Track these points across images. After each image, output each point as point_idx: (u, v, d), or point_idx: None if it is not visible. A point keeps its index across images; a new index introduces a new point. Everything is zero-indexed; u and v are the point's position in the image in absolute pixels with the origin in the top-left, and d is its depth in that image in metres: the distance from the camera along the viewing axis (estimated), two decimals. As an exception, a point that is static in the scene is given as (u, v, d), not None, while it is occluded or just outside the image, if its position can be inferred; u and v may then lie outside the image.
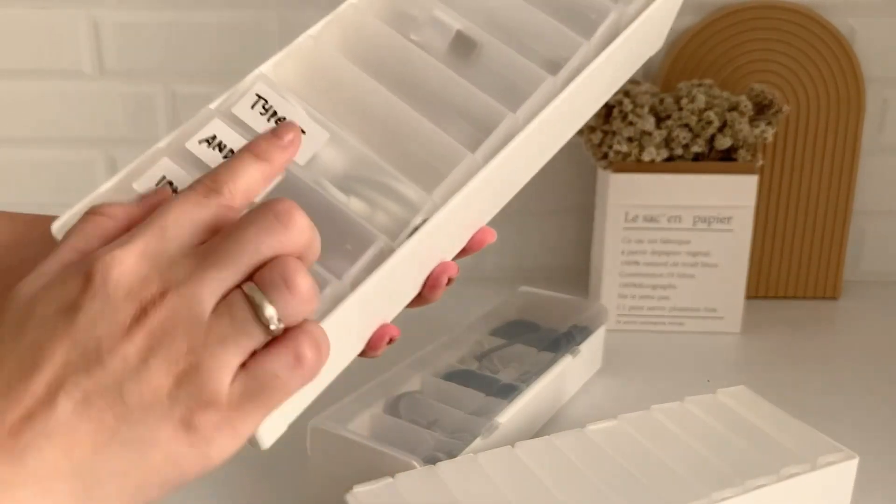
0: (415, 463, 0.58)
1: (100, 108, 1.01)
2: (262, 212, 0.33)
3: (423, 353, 0.76)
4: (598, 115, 0.92)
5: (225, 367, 0.32)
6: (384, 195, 0.42)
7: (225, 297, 0.33)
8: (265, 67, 0.44)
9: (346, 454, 0.62)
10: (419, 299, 0.45)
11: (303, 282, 0.33)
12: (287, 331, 0.33)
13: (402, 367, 0.74)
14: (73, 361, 0.31)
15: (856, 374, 0.86)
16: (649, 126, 0.88)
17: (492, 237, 0.46)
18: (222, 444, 0.33)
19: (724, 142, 0.89)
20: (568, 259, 1.10)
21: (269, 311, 0.33)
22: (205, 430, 0.32)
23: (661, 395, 0.68)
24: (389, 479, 0.56)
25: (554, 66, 0.44)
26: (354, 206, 0.41)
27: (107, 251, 0.33)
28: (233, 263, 0.33)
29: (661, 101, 0.91)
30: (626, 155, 0.90)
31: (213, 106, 0.42)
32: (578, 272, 1.09)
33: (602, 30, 0.45)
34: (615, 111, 0.90)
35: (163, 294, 0.32)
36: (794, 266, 1.04)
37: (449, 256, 0.45)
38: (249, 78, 0.43)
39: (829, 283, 1.04)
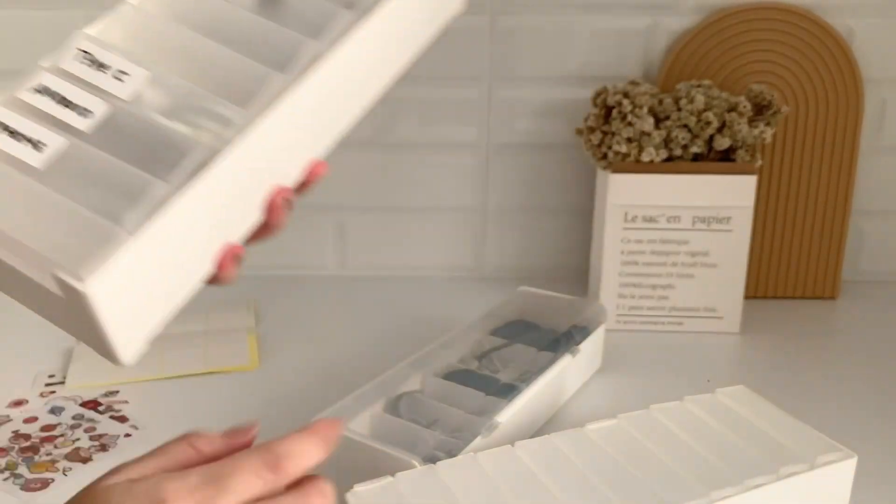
0: (415, 462, 0.59)
1: (100, 108, 1.01)
2: (253, 458, 0.39)
3: (423, 352, 0.77)
4: (597, 115, 0.92)
5: None
6: (205, 117, 0.46)
7: None
8: (88, 29, 0.49)
9: (347, 453, 0.62)
10: (266, 228, 0.48)
11: None
12: None
13: (403, 366, 0.74)
14: None
15: (854, 373, 0.87)
16: (648, 127, 0.89)
17: (324, 169, 0.49)
18: None
19: (723, 142, 0.89)
20: (567, 259, 1.10)
21: None
22: None
23: (661, 394, 0.68)
24: (390, 478, 0.56)
25: (350, 4, 0.50)
26: (179, 129, 0.45)
27: (172, 486, 0.38)
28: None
29: (661, 101, 0.91)
30: (626, 155, 0.90)
31: (43, 63, 0.47)
32: (578, 272, 1.09)
33: None
34: (615, 112, 0.90)
35: None
36: (793, 266, 1.04)
37: (284, 181, 0.48)
38: (75, 35, 0.48)
39: (827, 283, 1.05)
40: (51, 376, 0.82)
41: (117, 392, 0.79)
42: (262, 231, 0.48)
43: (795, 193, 1.02)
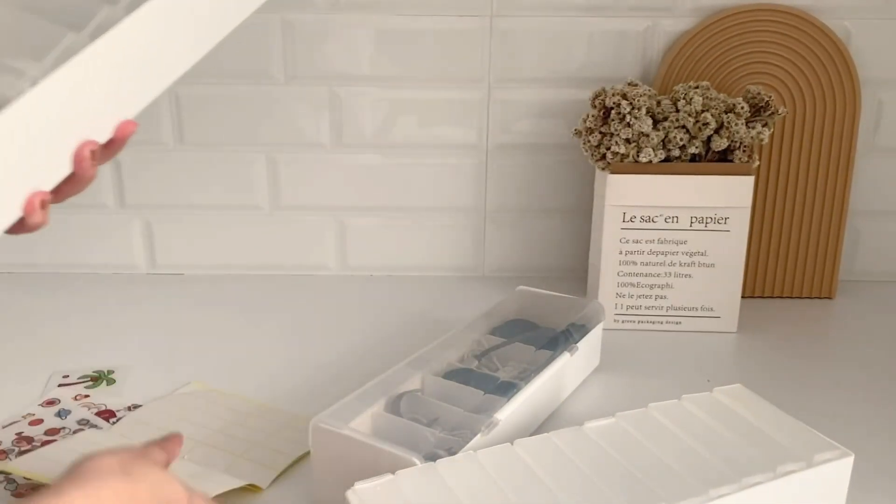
0: (415, 460, 0.59)
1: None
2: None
3: (422, 351, 0.77)
4: (595, 116, 0.93)
5: None
6: (3, 73, 0.46)
7: None
8: None
9: (348, 452, 0.62)
10: (74, 179, 0.49)
11: None
12: None
13: (403, 365, 0.74)
14: None
15: (851, 372, 0.87)
16: (647, 128, 0.89)
17: (132, 127, 0.51)
18: None
19: (720, 143, 0.90)
20: (566, 259, 1.11)
21: None
22: None
23: (659, 393, 0.69)
24: (390, 476, 0.56)
25: None
26: None
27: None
28: None
29: (659, 102, 0.92)
30: (624, 156, 0.91)
31: None
32: (576, 272, 1.09)
33: None
34: (613, 113, 0.91)
35: None
36: (790, 266, 1.05)
37: (93, 135, 0.49)
38: None
39: (824, 283, 1.05)
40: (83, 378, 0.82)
41: (140, 406, 0.78)
42: (72, 183, 0.49)
43: (793, 194, 1.02)
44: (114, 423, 0.75)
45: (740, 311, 0.96)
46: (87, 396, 0.80)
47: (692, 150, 0.90)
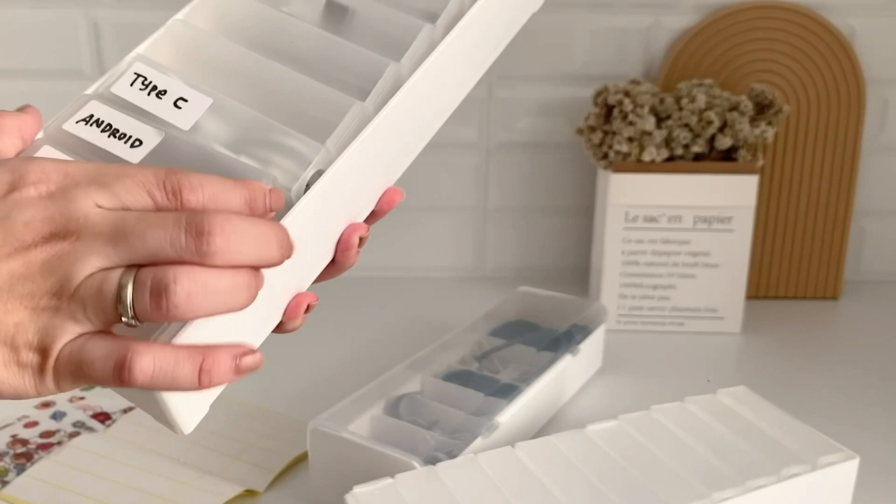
0: (415, 463, 0.58)
1: (99, 108, 1.01)
2: (181, 220, 0.33)
3: (422, 353, 0.76)
4: (598, 114, 0.92)
5: (66, 332, 0.34)
6: (276, 152, 0.41)
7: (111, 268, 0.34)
8: (141, 48, 0.44)
9: (347, 455, 0.62)
10: (334, 266, 0.43)
11: (175, 296, 0.33)
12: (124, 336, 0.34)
13: (402, 367, 0.74)
14: None
15: (856, 374, 0.87)
16: (650, 126, 0.88)
17: (400, 196, 0.46)
18: (28, 385, 0.35)
19: (724, 142, 0.89)
20: (568, 259, 1.10)
21: (127, 305, 0.33)
22: (26, 366, 0.34)
23: (662, 395, 0.68)
24: (389, 480, 0.56)
25: (431, 17, 0.44)
26: (246, 164, 0.40)
27: (44, 167, 0.35)
28: (129, 251, 0.33)
29: (662, 101, 0.91)
30: (627, 155, 0.90)
31: (89, 91, 0.42)
32: (578, 272, 1.09)
33: None
34: (615, 111, 0.90)
35: (60, 237, 0.33)
36: (795, 266, 1.04)
37: (359, 218, 0.44)
38: (128, 58, 0.44)
39: (829, 284, 1.04)
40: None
41: (135, 408, 0.77)
42: (330, 270, 0.44)
43: (797, 193, 1.01)
44: (109, 425, 0.75)
45: (744, 312, 0.95)
46: (82, 398, 0.79)
47: (696, 148, 0.90)
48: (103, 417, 0.76)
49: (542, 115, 1.04)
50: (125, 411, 0.77)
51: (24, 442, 0.72)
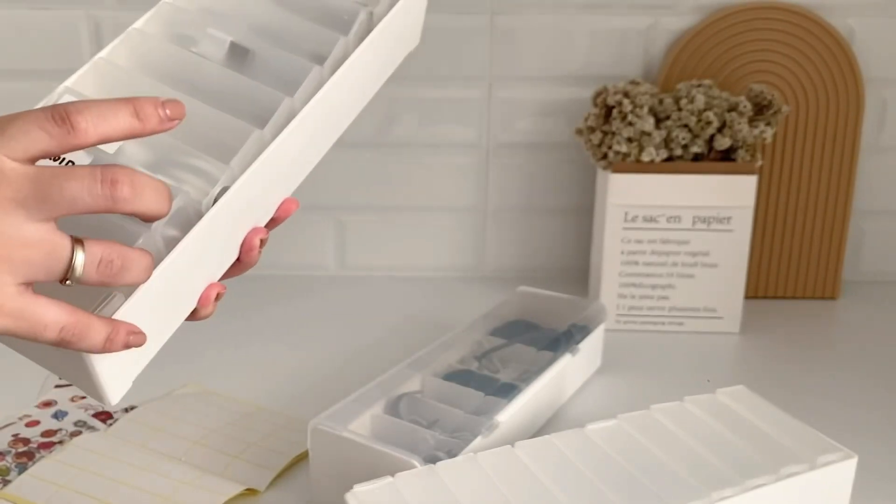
0: (415, 462, 0.59)
1: (100, 108, 1.01)
2: (95, 173, 0.38)
3: (422, 353, 0.77)
4: (597, 115, 0.92)
5: (7, 284, 0.37)
6: (188, 172, 0.47)
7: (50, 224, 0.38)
8: (69, 82, 0.49)
9: (347, 454, 0.62)
10: (239, 263, 0.50)
11: (122, 270, 0.39)
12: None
13: (402, 367, 0.74)
14: None
15: (855, 373, 0.87)
16: (649, 126, 0.89)
17: (296, 205, 0.52)
18: None
19: (723, 142, 0.89)
20: (568, 259, 1.10)
21: (77, 272, 0.38)
22: None
23: (661, 394, 0.68)
24: (390, 479, 0.56)
25: (320, 59, 0.52)
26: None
27: None
28: (53, 205, 0.38)
29: (661, 101, 0.91)
30: (626, 155, 0.90)
31: None
32: (578, 272, 1.09)
33: (355, 28, 0.53)
34: (615, 112, 0.90)
35: None
36: (794, 266, 1.04)
37: (260, 223, 0.50)
38: (57, 91, 0.48)
39: (828, 283, 1.05)
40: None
41: (136, 407, 0.78)
42: (236, 268, 0.50)
43: (796, 193, 1.02)
44: (110, 424, 0.75)
45: (743, 311, 0.95)
46: (83, 398, 0.79)
47: (695, 149, 0.90)
48: (105, 416, 0.76)
49: (542, 116, 1.04)
50: (126, 410, 0.77)
51: (26, 441, 0.72)
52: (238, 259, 0.49)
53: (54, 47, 1.00)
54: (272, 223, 0.52)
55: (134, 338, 0.41)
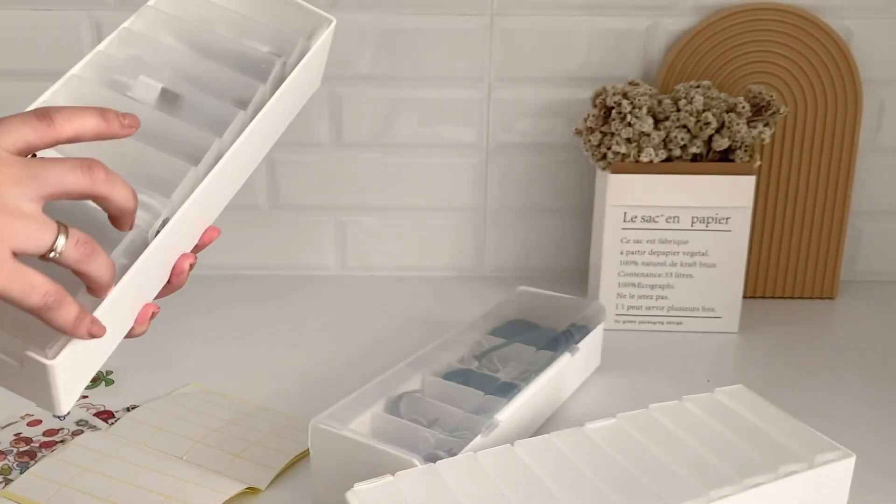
0: (415, 461, 0.59)
1: (101, 108, 1.01)
2: (76, 160, 0.45)
3: (422, 352, 0.77)
4: (596, 116, 0.92)
5: (4, 249, 0.42)
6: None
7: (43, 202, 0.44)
8: None
9: (348, 453, 0.62)
10: (170, 285, 0.55)
11: (96, 252, 0.45)
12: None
13: (403, 366, 0.74)
14: None
15: (853, 373, 0.87)
16: (648, 127, 0.89)
17: (217, 233, 0.58)
18: None
19: (721, 143, 0.90)
20: (567, 259, 1.10)
21: (59, 250, 0.44)
22: None
23: (660, 393, 0.68)
24: (390, 477, 0.56)
25: (243, 104, 0.58)
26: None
27: None
28: (44, 184, 0.44)
29: (660, 102, 0.92)
30: (625, 156, 0.90)
31: None
32: (577, 272, 1.09)
33: (272, 76, 0.59)
34: (614, 112, 0.91)
35: None
36: (792, 266, 1.04)
37: (188, 249, 0.56)
38: None
39: (826, 283, 1.05)
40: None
41: (137, 406, 0.78)
42: (167, 289, 0.55)
43: (794, 194, 1.02)
44: (112, 423, 0.75)
45: (741, 311, 0.96)
46: (85, 397, 0.79)
47: (693, 149, 0.90)
48: (106, 416, 0.76)
49: (542, 117, 1.04)
50: (128, 409, 0.77)
51: (28, 440, 0.72)
52: (169, 281, 0.55)
53: (56, 48, 1.00)
54: (196, 249, 0.57)
55: (96, 328, 0.46)
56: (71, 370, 0.47)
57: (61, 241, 0.44)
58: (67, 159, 0.45)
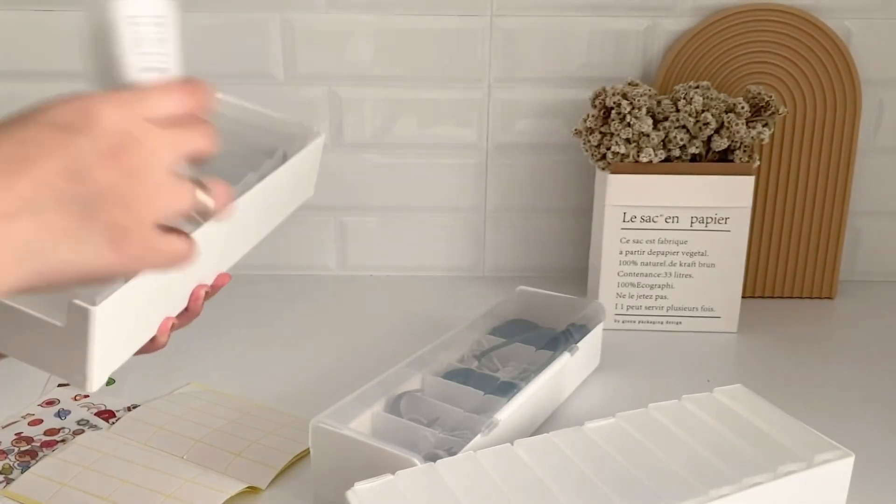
0: (415, 460, 0.59)
1: (101, 108, 1.01)
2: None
3: (422, 352, 0.77)
4: (596, 116, 0.93)
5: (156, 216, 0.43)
6: None
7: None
8: None
9: (348, 452, 0.62)
10: (188, 312, 0.59)
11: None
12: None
13: (403, 366, 0.74)
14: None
15: (851, 372, 0.87)
16: (647, 127, 0.89)
17: (227, 280, 0.62)
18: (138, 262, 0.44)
19: (721, 143, 0.90)
20: (566, 259, 1.10)
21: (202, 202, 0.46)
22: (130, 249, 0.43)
23: (659, 393, 0.68)
24: (390, 476, 0.56)
25: (236, 179, 0.60)
26: None
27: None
28: (181, 145, 0.45)
29: (659, 102, 0.92)
30: (624, 156, 0.91)
31: None
32: (577, 272, 1.09)
33: (267, 166, 0.64)
34: (613, 113, 0.91)
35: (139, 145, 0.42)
36: (791, 266, 1.05)
37: (206, 280, 0.60)
38: None
39: (824, 283, 1.05)
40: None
41: (138, 406, 0.78)
42: (185, 316, 0.59)
43: (793, 194, 1.02)
44: (113, 423, 0.75)
45: (741, 311, 0.96)
46: (86, 396, 0.80)
47: (692, 150, 0.90)
48: (107, 415, 0.77)
49: (541, 117, 1.05)
50: (129, 409, 0.77)
51: (29, 440, 0.72)
52: (186, 308, 0.58)
53: (59, 49, 1.00)
54: (212, 290, 0.61)
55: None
56: (108, 333, 0.48)
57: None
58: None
